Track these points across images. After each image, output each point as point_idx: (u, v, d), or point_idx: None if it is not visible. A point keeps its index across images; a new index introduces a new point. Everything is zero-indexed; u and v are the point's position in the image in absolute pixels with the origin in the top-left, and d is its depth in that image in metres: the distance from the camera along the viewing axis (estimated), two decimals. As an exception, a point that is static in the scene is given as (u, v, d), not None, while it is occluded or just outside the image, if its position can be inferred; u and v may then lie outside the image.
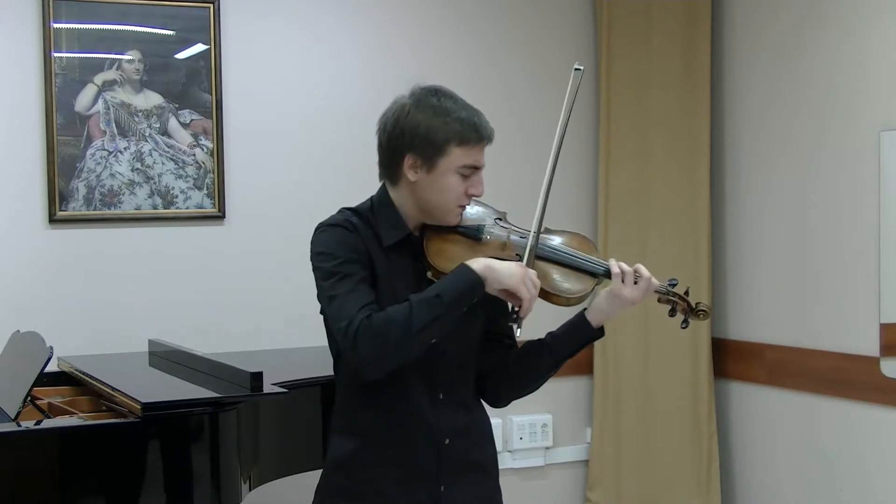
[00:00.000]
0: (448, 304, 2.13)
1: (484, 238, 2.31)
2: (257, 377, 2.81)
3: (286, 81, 4.19)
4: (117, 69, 3.93)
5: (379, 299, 2.21)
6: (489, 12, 4.49)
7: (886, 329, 3.81)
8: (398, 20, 4.35)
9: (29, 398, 2.93)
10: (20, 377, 2.98)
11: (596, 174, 4.61)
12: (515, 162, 4.35)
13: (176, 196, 4.00)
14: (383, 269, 2.26)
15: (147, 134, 3.97)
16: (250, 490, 2.95)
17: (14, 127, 3.83)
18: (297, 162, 4.19)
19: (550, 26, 4.57)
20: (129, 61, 3.94)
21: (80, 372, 3.28)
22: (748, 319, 4.43)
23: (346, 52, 4.27)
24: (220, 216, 4.07)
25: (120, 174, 3.93)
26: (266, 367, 2.89)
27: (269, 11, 4.16)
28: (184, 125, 4.01)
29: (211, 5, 4.03)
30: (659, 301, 2.37)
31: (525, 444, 4.53)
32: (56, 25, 3.84)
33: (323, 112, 4.21)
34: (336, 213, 2.33)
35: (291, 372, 3.19)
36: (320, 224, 2.30)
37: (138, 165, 3.95)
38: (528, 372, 2.40)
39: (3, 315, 3.72)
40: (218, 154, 4.05)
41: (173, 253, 4.02)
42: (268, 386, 2.84)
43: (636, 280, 2.27)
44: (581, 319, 2.33)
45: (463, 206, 2.30)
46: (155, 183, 3.98)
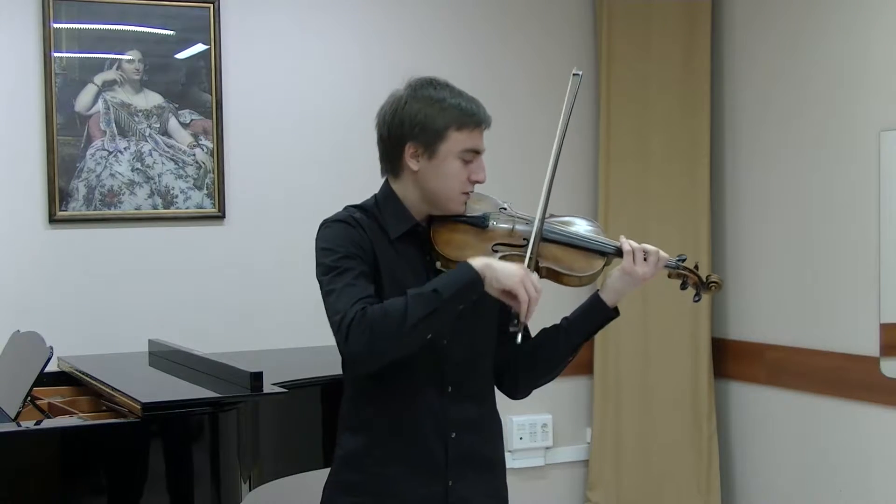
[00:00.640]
0: (445, 300, 2.12)
1: (490, 225, 2.33)
2: (257, 377, 2.81)
3: (286, 81, 4.19)
4: (117, 69, 3.93)
5: (386, 293, 2.21)
6: (489, 12, 4.49)
7: (886, 329, 3.81)
8: (398, 20, 4.35)
9: (29, 398, 2.93)
10: (20, 377, 2.98)
11: (596, 174, 4.61)
12: (515, 161, 4.35)
13: (176, 196, 4.00)
14: (391, 262, 2.27)
15: (147, 134, 3.97)
16: (250, 490, 2.95)
17: (14, 127, 3.83)
18: (297, 162, 4.19)
19: (550, 26, 4.57)
20: (129, 61, 3.94)
21: (80, 372, 3.28)
22: (748, 319, 4.43)
23: (346, 53, 4.27)
24: (220, 216, 4.07)
25: (120, 174, 3.93)
26: (266, 367, 2.88)
27: (269, 11, 4.16)
28: (184, 125, 4.01)
29: (211, 5, 4.03)
30: (669, 276, 2.40)
31: (525, 444, 4.53)
32: (56, 25, 3.84)
33: (323, 112, 4.21)
34: (340, 211, 2.34)
35: (291, 372, 3.19)
36: (324, 221, 2.32)
37: (138, 165, 3.95)
38: (546, 359, 2.40)
39: (3, 315, 3.72)
40: (218, 154, 4.05)
41: (173, 253, 4.02)
42: (268, 386, 2.84)
43: (646, 257, 2.31)
44: (596, 300, 2.36)
45: (467, 193, 2.32)
46: (155, 183, 3.98)
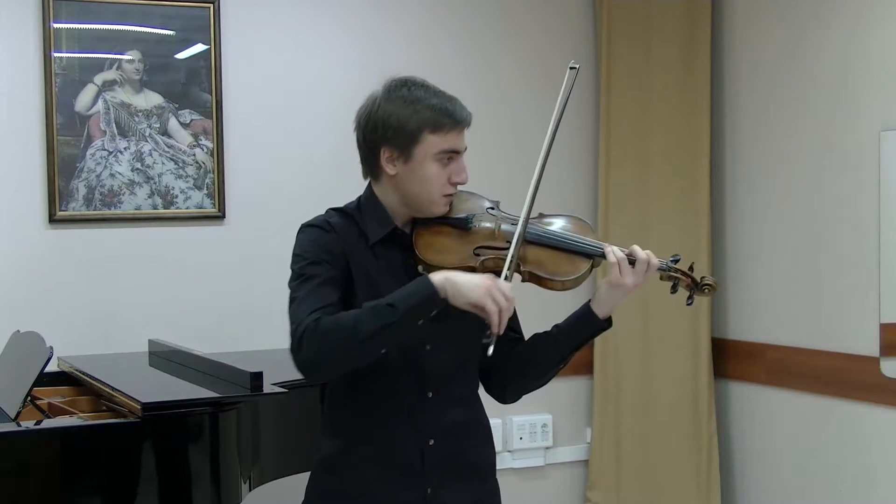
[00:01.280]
0: (400, 315, 2.05)
1: (473, 227, 2.25)
2: (257, 377, 2.81)
3: (286, 81, 4.19)
4: (117, 69, 3.93)
5: (360, 299, 2.16)
6: (489, 13, 4.49)
7: (886, 329, 3.81)
8: (397, 21, 4.35)
9: (29, 398, 2.93)
10: (20, 377, 2.98)
11: (596, 175, 4.61)
12: (514, 161, 4.35)
13: (176, 196, 4.00)
14: (369, 267, 2.22)
15: (147, 134, 3.97)
16: (250, 490, 2.95)
17: (14, 127, 3.83)
18: (297, 162, 4.19)
19: (550, 26, 4.57)
20: (129, 61, 3.94)
21: (80, 372, 3.28)
22: (748, 319, 4.43)
23: (346, 52, 4.27)
24: (220, 216, 4.07)
25: (120, 174, 3.93)
26: (266, 367, 2.89)
27: (269, 11, 4.16)
28: (184, 125, 4.01)
29: (211, 5, 4.03)
30: (661, 279, 2.30)
31: (525, 444, 4.53)
32: (56, 25, 3.84)
33: (323, 112, 4.20)
34: (321, 214, 2.31)
35: (291, 372, 3.15)
36: (301, 225, 2.28)
37: (138, 165, 3.95)
38: (536, 366, 2.33)
39: (3, 315, 3.72)
40: (218, 154, 4.05)
41: (173, 253, 4.02)
42: (268, 386, 2.84)
43: (634, 263, 2.22)
44: (587, 311, 2.27)
45: (449, 195, 2.25)
46: (155, 183, 3.98)
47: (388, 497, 2.23)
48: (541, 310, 2.55)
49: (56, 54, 3.84)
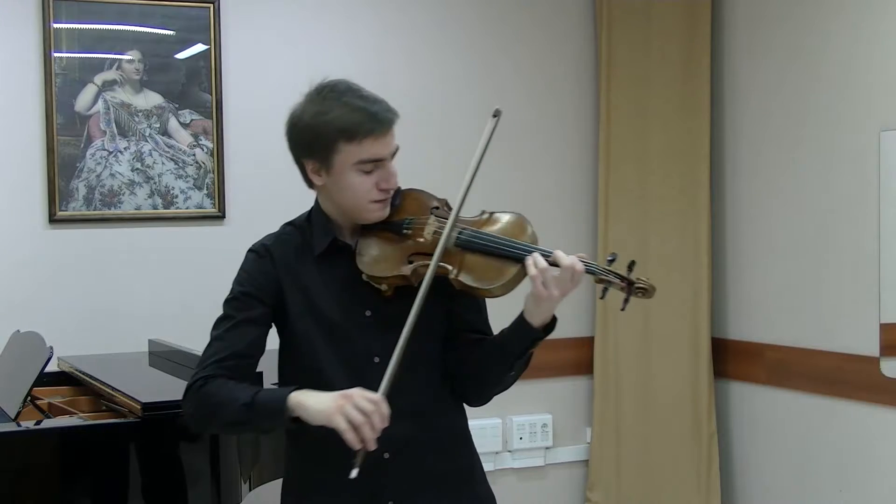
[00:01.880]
0: (253, 417, 2.05)
1: (407, 233, 2.16)
2: (257, 377, 2.80)
3: (286, 81, 4.17)
4: (117, 69, 3.93)
5: (300, 316, 2.14)
6: (489, 13, 4.49)
7: (886, 329, 3.81)
8: (397, 22, 4.35)
9: (29, 398, 2.93)
10: (20, 377, 2.98)
11: (596, 175, 4.61)
12: (513, 161, 4.35)
13: (176, 196, 4.00)
14: (313, 283, 2.17)
15: (147, 134, 3.97)
16: (250, 490, 2.95)
17: (14, 127, 3.84)
18: (297, 162, 4.19)
19: (550, 27, 4.57)
20: (129, 61, 3.95)
21: (80, 372, 3.29)
22: (748, 319, 4.43)
23: (346, 53, 4.26)
24: (220, 216, 4.07)
25: (120, 174, 3.93)
26: (266, 367, 2.88)
27: (269, 11, 4.16)
28: (184, 125, 4.01)
29: (211, 5, 4.03)
30: (595, 282, 2.08)
31: (525, 444, 4.53)
32: (56, 25, 3.84)
33: (323, 112, 4.20)
34: (274, 231, 2.29)
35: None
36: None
37: (138, 165, 3.96)
38: (488, 373, 2.18)
39: (3, 315, 3.72)
40: (218, 154, 4.05)
41: (173, 253, 4.02)
42: (268, 386, 2.84)
43: (558, 269, 2.01)
44: (521, 321, 2.09)
45: (381, 201, 2.14)
46: (155, 183, 3.98)
47: None
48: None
49: (56, 54, 3.84)
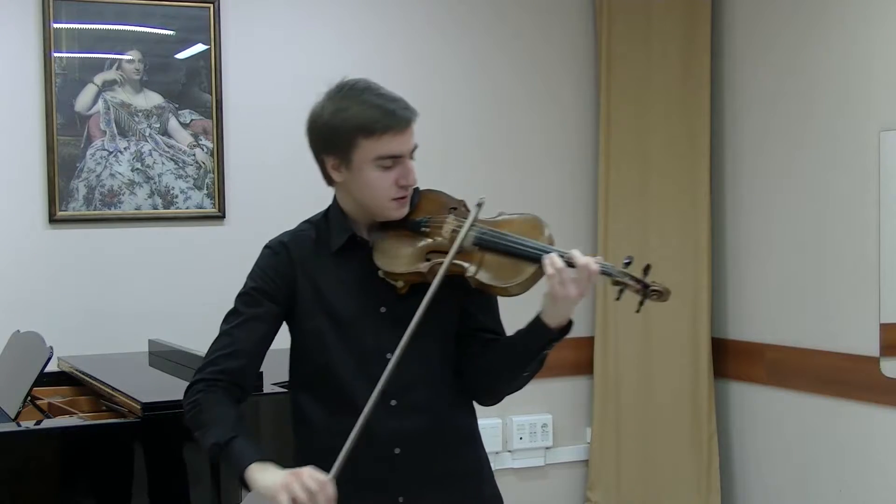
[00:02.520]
0: (221, 460, 2.12)
1: (426, 231, 2.18)
2: (258, 377, 2.80)
3: (286, 81, 4.19)
4: (117, 69, 3.93)
5: (314, 314, 2.17)
6: (489, 13, 4.49)
7: (886, 329, 3.81)
8: (397, 22, 4.35)
9: (29, 398, 2.93)
10: (20, 377, 2.98)
11: (596, 174, 4.61)
12: (513, 161, 4.35)
13: (176, 196, 4.00)
14: (328, 280, 2.19)
15: (147, 134, 3.97)
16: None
17: (14, 127, 3.84)
18: (298, 162, 4.14)
19: (550, 26, 4.57)
20: (129, 61, 3.95)
21: (80, 372, 3.29)
22: (748, 319, 4.43)
23: (346, 52, 4.27)
24: (220, 216, 4.07)
25: (120, 174, 3.93)
26: (266, 368, 2.88)
27: (269, 11, 4.16)
28: (184, 125, 4.01)
29: (211, 5, 4.03)
30: (611, 283, 2.11)
31: (525, 444, 4.53)
32: (56, 25, 3.84)
33: (323, 112, 4.20)
34: (291, 229, 2.31)
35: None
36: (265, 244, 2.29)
37: (138, 165, 3.96)
38: (501, 372, 2.21)
39: (3, 315, 3.72)
40: (218, 154, 4.05)
41: (173, 253, 4.02)
42: (268, 386, 2.85)
43: (575, 269, 2.03)
44: (537, 321, 2.11)
45: (401, 199, 2.17)
46: (155, 183, 3.98)
47: None
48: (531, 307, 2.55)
49: (56, 54, 3.84)
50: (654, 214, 4.54)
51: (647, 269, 2.11)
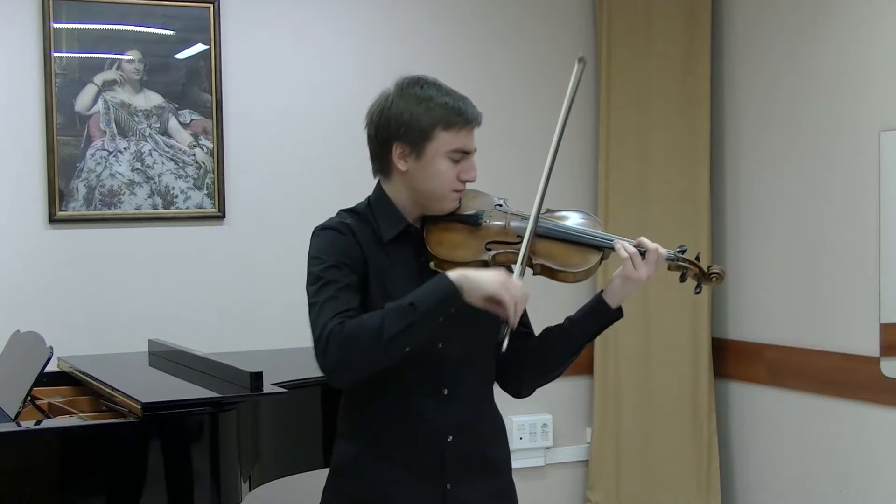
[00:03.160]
0: (421, 314, 2.09)
1: (483, 223, 2.29)
2: (257, 377, 2.81)
3: (286, 81, 4.19)
4: (117, 69, 3.93)
5: (374, 299, 2.20)
6: (489, 12, 4.49)
7: (886, 329, 3.81)
8: (397, 21, 4.35)
9: (29, 398, 2.93)
10: (20, 377, 2.98)
11: (596, 174, 4.61)
12: (513, 161, 4.35)
13: (176, 196, 4.00)
14: (381, 267, 2.25)
15: (147, 134, 3.97)
16: (250, 490, 2.95)
17: (14, 127, 3.84)
18: (297, 162, 4.19)
19: (550, 26, 4.57)
20: (129, 61, 3.95)
21: (80, 372, 3.28)
22: (748, 319, 4.43)
23: (346, 52, 4.27)
24: (220, 216, 4.07)
25: (120, 174, 3.93)
26: (266, 367, 2.88)
27: (269, 11, 4.16)
28: (184, 125, 4.01)
29: (211, 5, 4.03)
30: (669, 268, 2.34)
31: (525, 444, 4.53)
32: (56, 25, 3.84)
33: (323, 112, 4.21)
34: (334, 216, 2.32)
35: (291, 372, 3.19)
36: (315, 228, 2.29)
37: (138, 165, 3.96)
38: (550, 358, 2.36)
39: (3, 315, 3.72)
40: (218, 154, 4.05)
41: (173, 253, 4.02)
42: (268, 386, 2.84)
43: (644, 256, 2.26)
44: (599, 301, 2.31)
45: (458, 192, 2.28)
46: (155, 183, 3.98)
47: (409, 496, 2.26)
48: (546, 305, 2.57)
49: (56, 54, 3.84)
50: (654, 214, 4.54)
51: (698, 257, 2.35)
